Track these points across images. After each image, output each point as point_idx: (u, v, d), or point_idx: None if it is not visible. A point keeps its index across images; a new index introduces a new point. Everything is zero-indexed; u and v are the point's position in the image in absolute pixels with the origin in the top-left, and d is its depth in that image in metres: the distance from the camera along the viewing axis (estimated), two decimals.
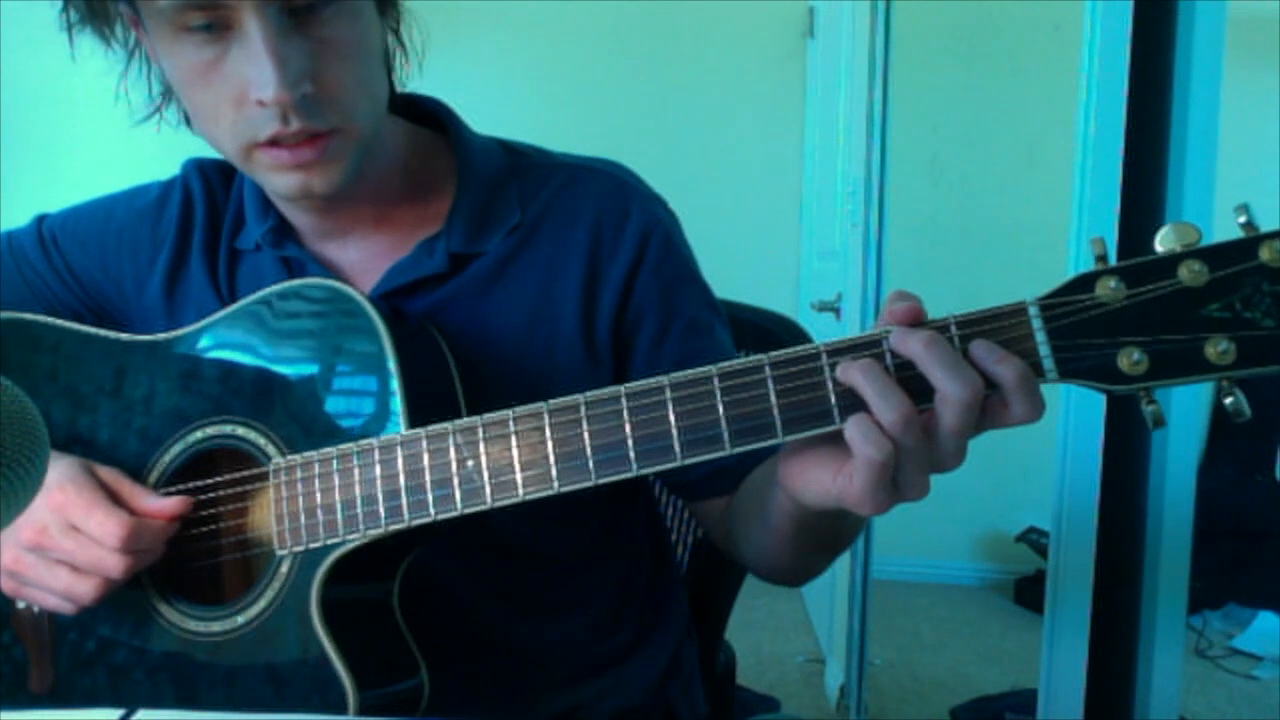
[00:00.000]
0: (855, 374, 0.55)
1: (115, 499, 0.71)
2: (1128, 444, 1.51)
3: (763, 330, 1.07)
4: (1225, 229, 0.53)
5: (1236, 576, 2.73)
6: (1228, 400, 0.52)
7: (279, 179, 0.71)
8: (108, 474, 0.72)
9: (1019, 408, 0.54)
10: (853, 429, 0.54)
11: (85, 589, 0.69)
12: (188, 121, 0.77)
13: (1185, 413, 1.47)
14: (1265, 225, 0.51)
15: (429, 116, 0.85)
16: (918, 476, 0.55)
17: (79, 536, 0.69)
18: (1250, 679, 2.47)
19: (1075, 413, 1.52)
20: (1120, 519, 1.53)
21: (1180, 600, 1.49)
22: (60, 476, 0.70)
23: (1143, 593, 1.50)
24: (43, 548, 0.69)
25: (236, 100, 0.67)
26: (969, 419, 0.54)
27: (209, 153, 0.79)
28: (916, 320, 0.56)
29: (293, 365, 0.72)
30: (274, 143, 0.68)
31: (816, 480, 0.59)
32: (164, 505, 0.71)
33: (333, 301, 0.71)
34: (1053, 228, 1.63)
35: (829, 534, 0.71)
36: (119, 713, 0.62)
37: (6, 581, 0.72)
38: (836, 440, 0.57)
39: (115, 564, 0.68)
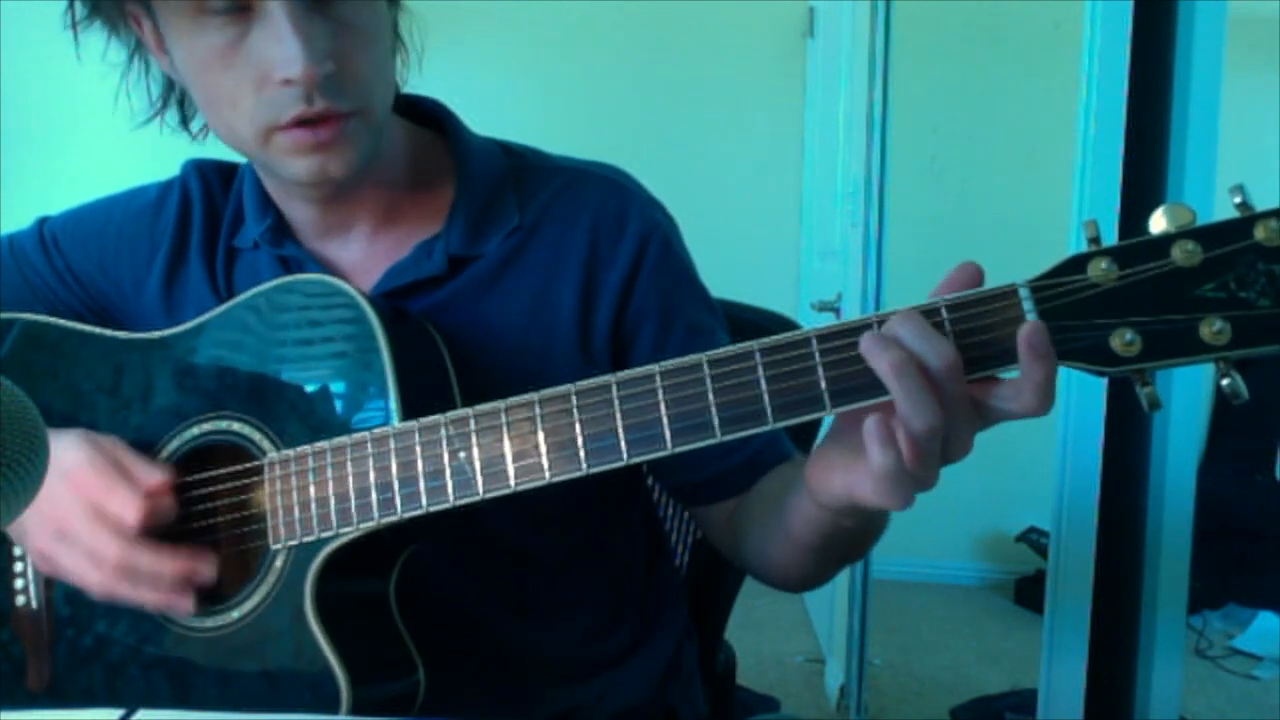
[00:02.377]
0: (884, 367, 0.53)
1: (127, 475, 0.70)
2: (1127, 444, 1.51)
3: (762, 330, 1.06)
4: None
5: (1236, 576, 2.72)
6: (1224, 382, 0.51)
7: (297, 162, 0.71)
8: (108, 443, 0.71)
9: (1031, 400, 0.53)
10: (879, 461, 0.53)
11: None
12: (184, 124, 0.77)
13: (1185, 412, 1.47)
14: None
15: (429, 117, 0.85)
16: (932, 471, 0.55)
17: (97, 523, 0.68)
18: (1250, 679, 2.46)
19: (1075, 412, 1.52)
20: (1120, 519, 1.53)
21: (1180, 600, 1.49)
22: (77, 458, 0.69)
23: (1143, 593, 1.50)
24: (66, 535, 0.69)
25: (258, 82, 0.67)
26: (955, 389, 0.53)
27: (208, 153, 0.79)
28: (973, 280, 0.55)
29: (288, 360, 0.72)
30: (295, 124, 0.68)
31: (843, 484, 0.58)
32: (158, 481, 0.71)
33: (328, 297, 0.72)
34: (1053, 228, 1.63)
35: (851, 541, 0.71)
36: (119, 713, 0.62)
37: (42, 561, 0.72)
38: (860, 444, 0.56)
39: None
